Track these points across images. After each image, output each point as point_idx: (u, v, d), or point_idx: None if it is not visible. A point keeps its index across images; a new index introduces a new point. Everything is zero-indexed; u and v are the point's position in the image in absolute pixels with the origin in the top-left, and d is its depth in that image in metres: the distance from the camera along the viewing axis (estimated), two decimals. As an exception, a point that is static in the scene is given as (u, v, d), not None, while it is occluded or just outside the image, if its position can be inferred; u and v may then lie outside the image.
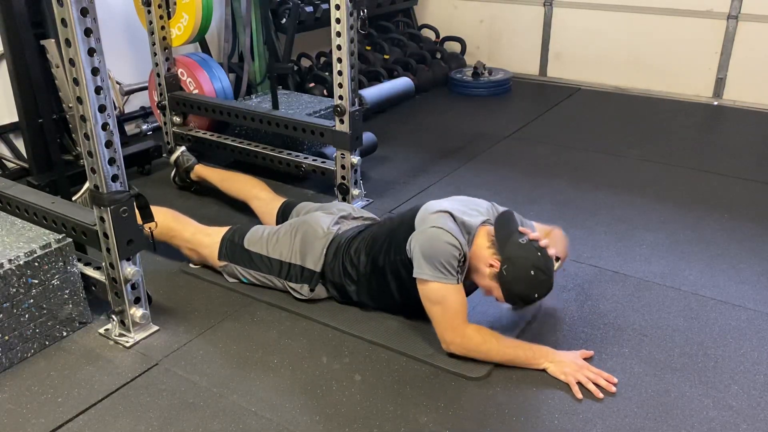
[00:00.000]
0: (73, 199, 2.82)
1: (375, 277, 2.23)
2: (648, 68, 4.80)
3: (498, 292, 2.03)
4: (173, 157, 3.24)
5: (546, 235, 2.25)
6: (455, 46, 5.37)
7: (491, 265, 2.01)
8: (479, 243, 2.05)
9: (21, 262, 2.03)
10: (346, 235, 2.34)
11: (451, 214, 2.04)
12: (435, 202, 2.14)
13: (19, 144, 3.46)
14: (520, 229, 2.06)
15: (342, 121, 2.99)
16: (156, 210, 2.21)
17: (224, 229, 2.51)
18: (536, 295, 2.02)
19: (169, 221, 2.51)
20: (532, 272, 1.95)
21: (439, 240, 1.99)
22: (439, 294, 2.00)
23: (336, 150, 3.08)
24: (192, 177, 3.20)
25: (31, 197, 2.35)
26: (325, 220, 2.41)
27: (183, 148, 3.27)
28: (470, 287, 2.16)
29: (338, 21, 2.81)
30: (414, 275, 2.03)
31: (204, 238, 2.51)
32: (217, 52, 4.29)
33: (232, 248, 2.45)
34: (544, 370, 2.02)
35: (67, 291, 2.17)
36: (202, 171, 3.16)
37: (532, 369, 2.03)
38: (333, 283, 2.33)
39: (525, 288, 1.99)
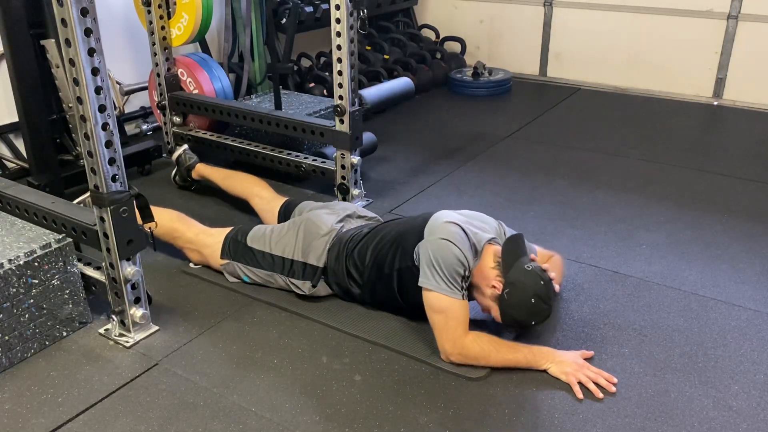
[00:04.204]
0: (76, 201, 2.82)
1: (380, 283, 2.24)
2: (648, 68, 4.80)
3: (496, 312, 2.05)
4: (175, 155, 3.25)
5: (546, 260, 2.27)
6: (455, 46, 5.37)
7: (494, 286, 2.02)
8: (485, 261, 2.05)
9: (21, 262, 2.03)
10: (349, 234, 2.34)
11: (462, 227, 2.04)
12: (447, 212, 2.13)
13: (19, 144, 3.46)
14: (531, 255, 2.06)
15: (342, 121, 2.99)
16: (160, 211, 2.21)
17: (227, 230, 2.52)
18: (533, 322, 2.05)
19: (173, 222, 2.53)
20: (533, 300, 1.97)
21: (447, 252, 1.98)
22: (443, 304, 2.00)
23: (336, 150, 3.08)
24: (193, 175, 3.21)
25: (31, 197, 2.35)
26: (328, 218, 2.41)
27: (185, 146, 3.27)
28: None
29: (338, 21, 2.81)
30: (419, 284, 2.03)
31: (207, 239, 2.52)
32: (217, 52, 4.29)
33: (234, 246, 2.45)
34: (545, 371, 2.02)
35: (67, 291, 2.17)
36: (204, 170, 3.17)
37: (532, 369, 2.03)
38: (337, 283, 2.34)
39: (524, 314, 2.01)
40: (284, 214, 2.68)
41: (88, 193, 2.78)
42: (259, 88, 4.06)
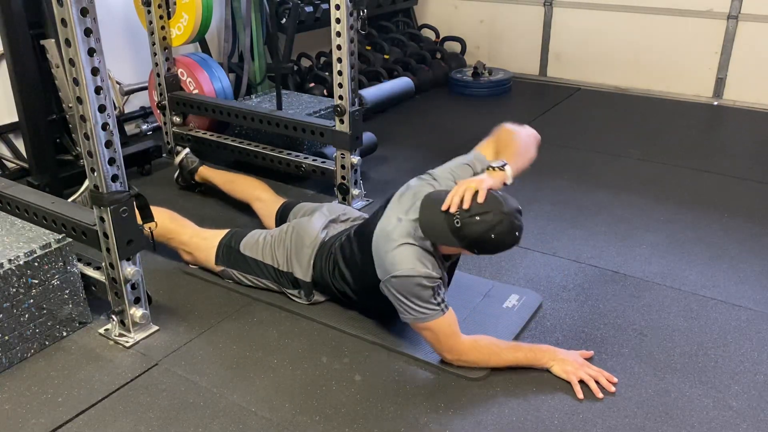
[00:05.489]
0: (71, 199, 2.82)
1: (368, 299, 2.22)
2: (648, 68, 4.80)
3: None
4: (178, 159, 3.24)
5: (492, 149, 2.30)
6: (455, 46, 5.37)
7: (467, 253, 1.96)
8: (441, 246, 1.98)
9: (21, 262, 2.03)
10: (328, 245, 2.28)
11: (406, 243, 1.93)
12: (382, 229, 2.00)
13: (19, 144, 3.46)
14: (443, 208, 1.87)
15: (342, 121, 2.99)
16: (153, 210, 2.20)
17: (221, 233, 2.49)
18: (516, 234, 1.89)
19: (166, 222, 2.47)
20: (492, 236, 1.85)
21: (408, 289, 1.93)
22: (427, 326, 1.98)
23: (336, 150, 3.08)
24: (196, 178, 3.20)
25: (31, 197, 2.35)
26: (314, 226, 2.35)
27: (187, 149, 3.26)
28: (451, 270, 2.16)
29: (338, 21, 2.81)
30: (401, 319, 2.03)
31: (201, 242, 2.50)
32: (217, 52, 4.28)
33: (228, 253, 2.44)
34: (546, 369, 2.02)
35: (67, 291, 2.17)
36: (207, 173, 3.16)
37: (533, 368, 2.03)
38: (331, 293, 2.32)
39: (503, 245, 1.89)
40: (281, 218, 2.66)
41: (83, 187, 2.79)
42: (259, 88, 4.05)
